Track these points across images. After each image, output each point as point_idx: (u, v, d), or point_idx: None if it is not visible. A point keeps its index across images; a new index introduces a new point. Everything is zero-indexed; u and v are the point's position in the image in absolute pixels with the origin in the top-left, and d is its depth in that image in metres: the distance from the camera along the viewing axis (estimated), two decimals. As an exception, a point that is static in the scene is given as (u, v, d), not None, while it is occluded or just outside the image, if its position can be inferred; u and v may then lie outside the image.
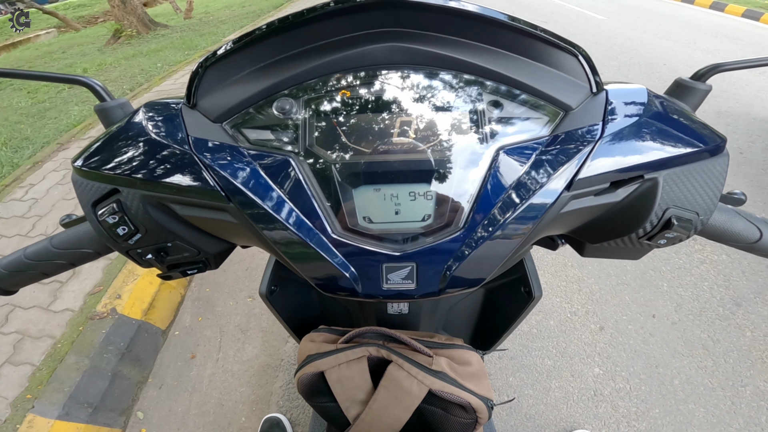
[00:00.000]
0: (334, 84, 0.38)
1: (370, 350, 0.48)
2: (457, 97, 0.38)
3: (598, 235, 0.43)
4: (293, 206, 0.36)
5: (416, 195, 0.37)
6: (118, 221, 0.40)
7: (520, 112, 0.38)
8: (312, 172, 0.37)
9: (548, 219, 0.37)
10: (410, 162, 0.37)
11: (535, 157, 0.36)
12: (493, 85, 0.38)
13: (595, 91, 0.38)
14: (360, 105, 0.38)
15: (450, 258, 0.37)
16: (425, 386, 0.45)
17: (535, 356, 1.61)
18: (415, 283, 0.38)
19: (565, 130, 0.37)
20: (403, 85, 0.38)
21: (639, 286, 1.84)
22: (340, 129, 0.37)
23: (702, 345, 1.59)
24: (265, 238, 0.37)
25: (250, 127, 0.39)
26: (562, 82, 0.38)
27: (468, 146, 0.37)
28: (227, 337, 1.80)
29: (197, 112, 0.40)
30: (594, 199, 0.39)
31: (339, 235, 0.37)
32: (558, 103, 0.38)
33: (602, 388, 1.49)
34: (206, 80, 0.39)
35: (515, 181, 0.36)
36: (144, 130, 0.39)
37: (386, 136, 0.37)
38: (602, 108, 0.38)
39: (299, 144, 0.37)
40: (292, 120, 0.38)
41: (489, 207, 0.36)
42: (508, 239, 0.37)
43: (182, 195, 0.38)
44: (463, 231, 0.37)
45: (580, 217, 0.41)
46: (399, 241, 0.38)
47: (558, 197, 0.36)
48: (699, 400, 1.43)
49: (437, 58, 0.37)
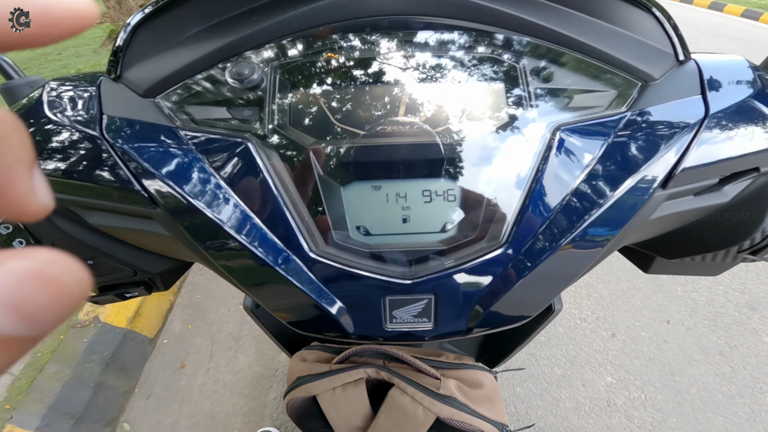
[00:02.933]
0: (316, 42, 0.28)
1: (369, 372, 0.42)
2: (487, 62, 0.28)
3: (682, 247, 0.32)
4: (250, 211, 0.25)
5: (433, 195, 0.26)
6: (11, 233, 0.29)
7: (575, 83, 0.28)
8: (281, 161, 0.26)
9: (633, 227, 0.27)
10: (424, 148, 0.26)
11: (611, 141, 0.26)
12: (538, 47, 0.28)
13: (682, 58, 0.29)
14: (352, 71, 0.27)
15: (487, 286, 0.26)
16: (432, 413, 0.39)
17: (543, 365, 1.53)
18: (433, 323, 0.28)
19: (647, 107, 0.27)
20: (412, 44, 0.28)
21: (651, 290, 1.77)
22: (324, 103, 0.27)
23: (719, 351, 1.53)
24: (208, 257, 0.26)
25: (196, 103, 0.27)
26: (636, 45, 0.28)
27: (506, 126, 0.27)
28: (219, 345, 1.73)
29: (122, 86, 0.29)
30: (694, 201, 0.29)
31: (320, 254, 0.26)
32: (634, 71, 0.28)
33: (615, 398, 1.42)
34: (138, 44, 0.28)
35: (584, 174, 0.25)
36: (43, 112, 0.28)
37: (390, 113, 0.26)
38: (696, 80, 0.28)
39: (263, 123, 0.26)
40: (253, 91, 0.27)
41: (546, 211, 0.25)
42: (576, 257, 0.26)
43: (90, 197, 0.27)
44: (506, 247, 0.26)
45: (670, 224, 0.30)
46: (408, 263, 0.27)
47: (650, 197, 0.25)
48: (717, 408, 1.37)
49: (460, 6, 0.27)
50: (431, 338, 0.29)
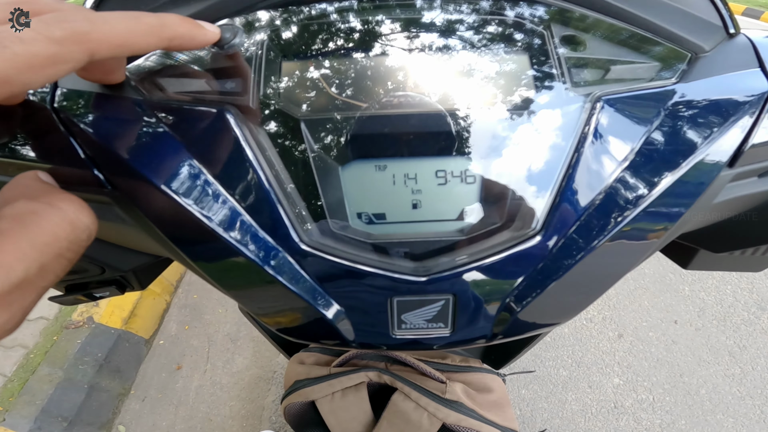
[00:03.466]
0: (310, 4, 0.25)
1: (370, 375, 0.41)
2: (511, 28, 0.25)
3: (735, 239, 0.29)
4: (227, 194, 0.22)
5: (448, 176, 0.23)
6: None
7: (613, 53, 0.25)
8: (267, 135, 0.22)
9: (696, 213, 0.24)
10: (437, 120, 0.22)
11: (663, 114, 0.23)
12: (570, 12, 0.25)
13: (732, 32, 0.26)
14: (352, 37, 0.24)
15: (518, 286, 0.23)
16: (437, 420, 0.38)
17: (549, 366, 1.51)
18: (451, 329, 0.24)
19: (701, 78, 0.24)
20: (423, 7, 0.25)
21: (659, 290, 1.75)
22: (319, 72, 0.23)
23: (728, 352, 1.51)
24: (176, 250, 0.23)
25: (169, 74, 0.24)
26: (683, 16, 0.25)
27: (535, 96, 0.23)
28: (216, 347, 1.70)
29: None
30: (758, 183, 0.26)
31: (312, 246, 0.22)
32: (682, 42, 0.25)
33: (623, 400, 1.39)
34: (107, 8, 0.25)
35: (634, 152, 0.22)
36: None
37: (395, 85, 0.23)
38: (752, 54, 0.25)
39: (247, 93, 0.23)
40: (235, 58, 0.24)
41: (588, 195, 0.22)
42: (626, 250, 0.22)
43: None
44: (541, 238, 0.22)
45: (732, 210, 0.27)
46: (421, 256, 0.23)
47: (715, 177, 0.22)
48: (727, 410, 1.35)
49: None
50: (446, 345, 0.25)
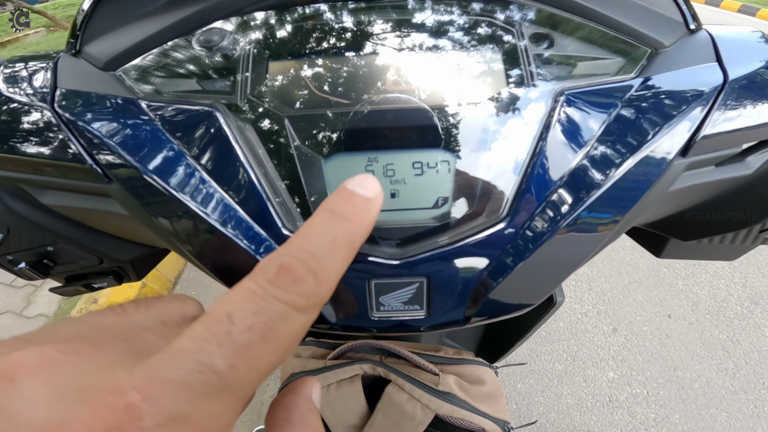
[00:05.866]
0: (295, 7, 0.26)
1: (365, 368, 0.41)
2: (483, 27, 0.26)
3: (700, 227, 0.31)
4: (217, 186, 0.23)
5: (425, 167, 0.24)
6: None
7: (579, 50, 0.26)
8: (254, 131, 0.24)
9: (650, 200, 0.25)
10: (414, 114, 0.24)
11: (621, 107, 0.24)
12: (539, 11, 0.27)
13: (692, 27, 0.28)
14: (335, 38, 0.26)
15: (485, 268, 0.24)
16: (431, 411, 0.38)
17: (544, 361, 1.52)
18: (426, 310, 0.25)
19: (659, 73, 0.26)
20: (401, 8, 0.26)
21: (653, 284, 1.76)
22: (302, 73, 0.25)
23: (721, 346, 1.52)
24: (170, 239, 0.24)
25: (162, 75, 0.26)
26: (645, 13, 0.27)
27: (505, 91, 0.25)
28: (215, 343, 1.71)
29: (81, 60, 0.27)
30: (715, 171, 0.27)
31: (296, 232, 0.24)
32: (643, 38, 0.27)
33: (618, 394, 1.41)
34: (100, 17, 0.27)
35: (593, 142, 0.24)
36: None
37: (375, 83, 0.25)
38: (710, 48, 0.27)
39: (236, 92, 0.25)
40: (224, 60, 0.25)
41: (551, 183, 0.23)
42: (585, 235, 0.24)
43: (41, 175, 0.26)
44: (506, 224, 0.24)
45: (690, 198, 0.29)
46: (397, 241, 0.25)
47: (668, 165, 0.24)
48: (721, 404, 1.36)
49: None
50: (426, 329, 0.26)
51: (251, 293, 0.12)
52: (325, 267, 0.13)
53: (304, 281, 0.13)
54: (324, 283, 0.13)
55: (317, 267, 0.13)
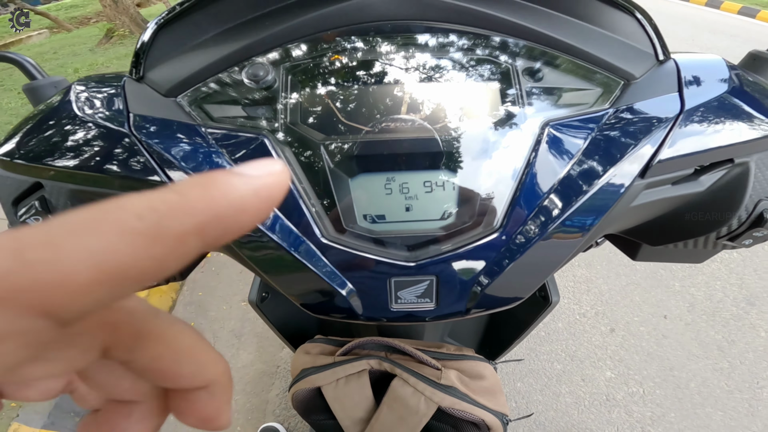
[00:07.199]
0: (324, 45, 0.30)
1: (372, 363, 0.44)
2: (482, 63, 0.30)
3: (665, 234, 0.35)
4: None
5: (433, 185, 0.29)
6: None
7: (564, 82, 0.30)
8: (294, 155, 0.28)
9: (615, 214, 0.29)
10: (425, 142, 0.28)
11: (594, 135, 0.28)
12: (530, 49, 0.30)
13: (661, 58, 0.31)
14: (357, 72, 0.30)
15: (483, 270, 0.29)
16: (434, 403, 0.41)
17: (543, 360, 1.55)
18: (435, 302, 0.30)
19: (629, 103, 0.30)
20: (412, 46, 0.30)
21: (650, 285, 1.79)
22: (332, 102, 0.29)
23: (717, 346, 1.54)
24: (230, 245, 0.29)
25: (214, 102, 0.30)
26: (620, 46, 0.31)
27: (500, 122, 0.29)
28: (221, 342, 1.73)
29: (145, 86, 0.31)
30: (671, 189, 0.31)
31: (331, 239, 0.29)
32: (617, 71, 0.30)
33: (615, 393, 1.43)
34: (158, 47, 0.31)
35: (570, 166, 0.28)
36: (71, 110, 0.31)
37: (392, 111, 0.29)
38: (674, 79, 0.31)
39: (277, 120, 0.29)
40: (268, 91, 0.30)
41: (535, 199, 0.28)
42: (563, 242, 0.28)
43: (118, 189, 0.30)
44: (499, 233, 0.28)
45: (651, 212, 0.33)
46: (412, 247, 0.29)
47: (629, 186, 0.28)
48: (716, 403, 1.38)
49: (457, 11, 0.29)
50: (432, 319, 0.31)
51: None
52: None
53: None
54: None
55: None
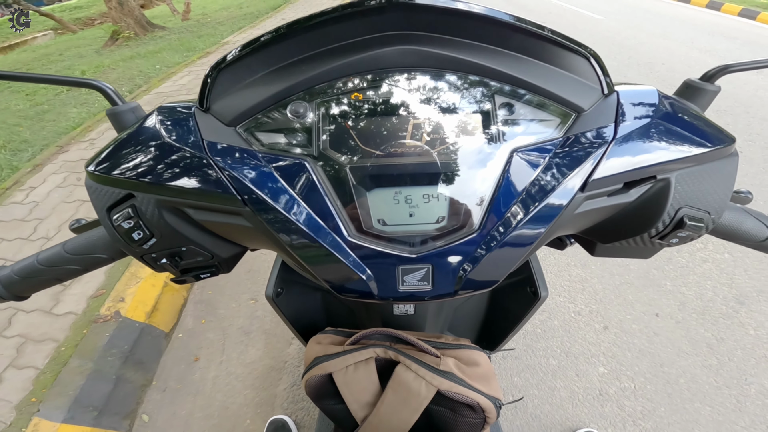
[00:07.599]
0: (346, 87, 0.38)
1: (378, 351, 0.49)
2: (468, 99, 0.38)
3: (610, 234, 0.44)
4: (308, 209, 0.37)
5: (430, 197, 0.37)
6: (133, 226, 0.40)
7: (531, 114, 0.38)
8: (326, 174, 0.37)
9: (563, 220, 0.37)
10: (423, 164, 0.37)
11: (549, 159, 0.37)
12: (504, 88, 0.38)
13: (606, 92, 0.39)
14: (372, 107, 0.38)
15: (465, 260, 0.38)
16: (433, 387, 0.45)
17: (539, 356, 1.60)
18: (431, 285, 0.39)
19: (577, 132, 0.37)
20: (414, 87, 0.38)
21: (642, 285, 1.84)
22: (353, 132, 0.38)
23: (706, 344, 1.59)
24: (280, 241, 0.37)
25: (264, 130, 0.39)
26: (573, 83, 0.38)
27: (481, 148, 0.37)
28: (230, 339, 1.79)
29: (210, 116, 0.40)
30: (607, 200, 0.39)
31: (354, 238, 0.37)
32: (570, 105, 0.38)
33: (607, 388, 1.48)
34: (219, 84, 0.39)
35: (530, 183, 0.36)
36: (158, 134, 0.39)
37: (399, 139, 0.37)
38: (614, 109, 0.38)
39: (313, 147, 0.38)
40: (305, 123, 0.38)
41: (503, 208, 0.36)
42: (523, 240, 0.37)
43: (197, 199, 0.38)
44: (477, 233, 0.37)
45: (593, 218, 0.41)
46: (414, 243, 0.38)
47: (572, 198, 0.36)
48: (705, 398, 1.43)
49: (448, 60, 0.37)
50: (430, 298, 0.40)
51: None
52: None
53: None
54: None
55: None
